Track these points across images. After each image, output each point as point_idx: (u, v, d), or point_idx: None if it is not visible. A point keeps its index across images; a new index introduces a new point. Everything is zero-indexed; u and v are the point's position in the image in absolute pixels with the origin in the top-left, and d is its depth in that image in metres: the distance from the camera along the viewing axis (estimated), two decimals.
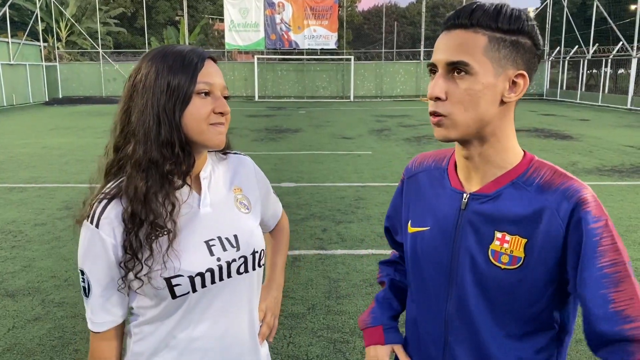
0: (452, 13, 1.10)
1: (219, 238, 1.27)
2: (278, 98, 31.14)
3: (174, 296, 1.21)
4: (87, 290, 1.23)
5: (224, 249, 1.27)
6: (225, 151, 1.41)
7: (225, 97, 1.26)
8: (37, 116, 20.20)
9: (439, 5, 52.85)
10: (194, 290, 1.22)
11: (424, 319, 1.24)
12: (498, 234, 1.09)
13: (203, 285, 1.23)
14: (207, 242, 1.25)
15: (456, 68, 1.05)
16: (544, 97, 31.27)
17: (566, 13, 28.95)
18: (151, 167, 1.18)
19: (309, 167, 9.39)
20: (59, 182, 8.18)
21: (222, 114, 1.23)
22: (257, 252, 1.33)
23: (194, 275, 1.21)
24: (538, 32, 1.08)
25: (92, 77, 31.39)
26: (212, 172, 1.34)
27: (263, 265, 1.38)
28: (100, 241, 1.19)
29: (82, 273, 1.23)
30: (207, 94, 1.21)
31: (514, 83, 1.08)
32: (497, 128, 1.10)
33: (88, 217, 1.20)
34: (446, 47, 1.06)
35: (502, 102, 1.08)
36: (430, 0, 46.63)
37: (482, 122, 1.07)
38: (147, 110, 1.18)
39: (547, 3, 31.80)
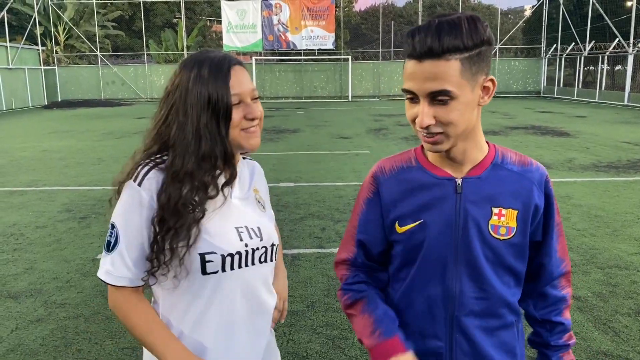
0: (417, 38, 1.12)
1: (246, 227, 1.38)
2: (276, 99, 31.19)
3: (204, 272, 1.30)
4: (112, 244, 1.29)
5: (250, 237, 1.38)
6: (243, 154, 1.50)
7: (256, 98, 1.35)
8: (36, 120, 20.24)
9: (435, 5, 52.90)
10: (223, 269, 1.32)
11: (419, 305, 1.31)
12: (495, 210, 1.25)
13: (232, 267, 1.33)
14: (236, 229, 1.36)
15: (438, 97, 1.13)
16: (541, 95, 31.32)
17: (562, 10, 29.00)
18: (186, 179, 1.27)
19: (307, 166, 9.44)
20: (59, 185, 8.23)
21: (253, 119, 1.33)
22: (275, 245, 1.46)
23: (225, 255, 1.31)
24: (490, 30, 1.16)
25: (90, 80, 31.42)
26: (240, 170, 1.45)
27: (276, 258, 1.52)
28: (139, 199, 1.27)
29: (113, 227, 1.29)
30: (237, 103, 1.30)
31: (484, 88, 1.19)
32: (474, 129, 1.24)
33: (131, 176, 1.29)
34: (424, 78, 1.12)
35: (477, 106, 1.20)
36: None
37: (467, 130, 1.20)
38: (187, 126, 1.28)
39: (543, 0, 31.86)
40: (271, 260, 1.45)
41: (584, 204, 6.61)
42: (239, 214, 1.39)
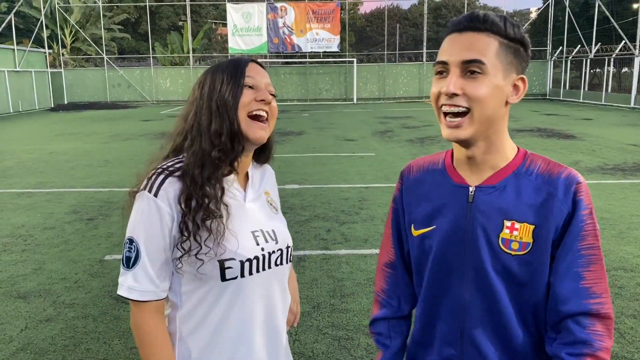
0: (462, 17, 1.15)
1: (261, 230, 1.38)
2: (281, 101, 31.25)
3: (223, 279, 1.29)
4: (133, 260, 1.26)
5: (266, 241, 1.37)
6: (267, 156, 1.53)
7: (272, 95, 1.36)
8: (43, 122, 20.38)
9: (441, 7, 52.89)
10: (242, 275, 1.31)
11: (436, 311, 1.28)
12: (507, 222, 1.15)
13: (250, 272, 1.32)
14: (252, 233, 1.35)
15: (470, 67, 1.10)
16: (547, 97, 31.26)
17: (568, 12, 28.96)
18: (205, 157, 1.29)
19: (312, 169, 9.47)
20: (66, 187, 8.29)
21: (263, 101, 1.33)
22: (289, 247, 1.45)
23: (244, 260, 1.31)
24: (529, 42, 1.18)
25: (96, 82, 31.61)
26: (251, 172, 1.47)
27: (292, 260, 1.50)
28: (157, 209, 1.25)
29: (131, 242, 1.27)
30: (251, 87, 1.33)
31: (515, 86, 1.17)
32: (499, 127, 1.18)
33: (146, 187, 1.27)
34: (460, 46, 1.12)
35: (506, 104, 1.17)
36: (432, 1, 46.69)
37: (491, 121, 1.14)
38: (203, 107, 1.32)
39: (549, 3, 31.81)
40: (286, 262, 1.45)
41: None
42: (254, 218, 1.39)
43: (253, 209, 1.40)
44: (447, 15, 52.81)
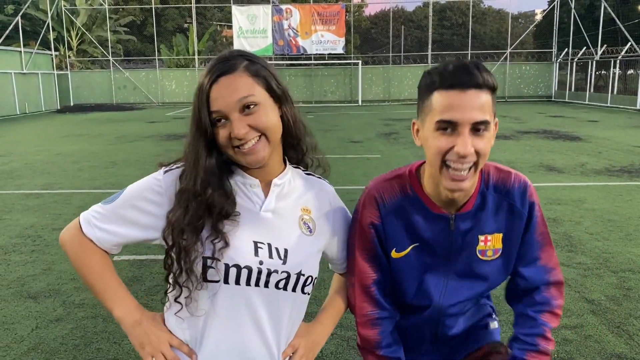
0: (459, 72, 1.18)
1: (269, 245, 1.24)
2: None
3: (204, 278, 1.20)
4: (110, 200, 1.31)
5: (270, 257, 1.23)
6: (309, 172, 1.46)
7: (250, 105, 1.18)
8: (49, 124, 20.49)
9: (445, 9, 52.85)
10: (226, 280, 1.20)
11: (417, 318, 1.49)
12: (481, 237, 1.35)
13: (237, 281, 1.21)
14: (255, 242, 1.23)
15: (479, 127, 1.18)
16: (553, 99, 31.18)
17: (574, 14, 28.90)
18: (190, 197, 1.22)
19: (318, 171, 9.47)
20: (73, 188, 8.34)
21: (238, 138, 1.18)
22: (304, 275, 1.28)
23: (230, 265, 1.19)
24: None
25: (102, 84, 31.77)
26: (288, 183, 1.34)
27: (308, 294, 1.33)
28: (157, 187, 1.27)
29: (124, 189, 1.32)
30: (224, 119, 1.19)
31: (495, 126, 1.28)
32: None
33: (163, 167, 1.32)
34: (470, 107, 1.17)
35: None
36: (437, 3, 46.70)
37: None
38: (190, 143, 1.26)
39: (554, 4, 31.75)
40: (294, 291, 1.27)
41: (597, 208, 6.59)
42: (264, 229, 1.25)
43: (267, 220, 1.27)
44: (452, 17, 52.78)
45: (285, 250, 1.25)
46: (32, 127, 19.20)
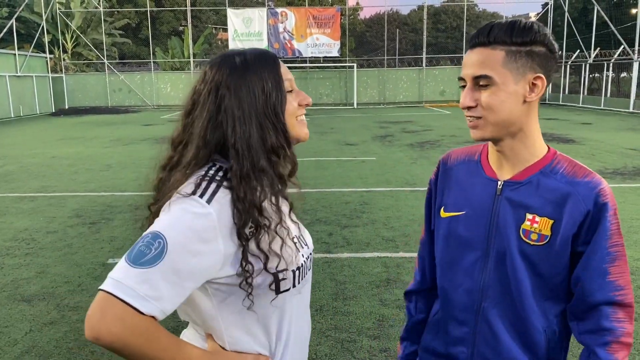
0: (473, 33, 1.29)
1: (297, 237, 1.27)
2: None
3: (278, 291, 1.17)
4: (151, 259, 1.00)
5: (302, 246, 1.27)
6: None
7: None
8: (44, 127, 20.42)
9: (440, 12, 53.08)
10: (294, 285, 1.21)
11: (455, 291, 1.39)
12: (529, 215, 1.27)
13: (299, 281, 1.23)
14: (292, 239, 1.24)
15: (480, 82, 1.23)
16: (547, 102, 31.32)
17: (567, 17, 29.07)
18: (260, 177, 1.14)
19: (314, 173, 9.50)
20: (68, 191, 8.32)
21: (307, 105, 1.28)
22: (309, 248, 1.36)
23: (295, 269, 1.20)
24: (551, 38, 1.25)
25: (97, 87, 31.70)
26: None
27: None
28: (209, 221, 1.05)
29: (156, 237, 1.02)
30: (290, 90, 1.24)
31: (533, 84, 1.25)
32: (524, 125, 1.27)
33: (195, 193, 1.07)
34: (471, 63, 1.25)
35: (525, 102, 1.25)
36: (432, 7, 46.88)
37: (509, 122, 1.25)
38: (246, 119, 1.14)
39: (548, 8, 31.94)
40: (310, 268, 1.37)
41: None
42: (290, 224, 1.26)
43: (287, 215, 1.28)
44: (446, 20, 52.99)
45: (302, 236, 1.30)
46: (27, 130, 19.14)
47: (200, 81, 1.21)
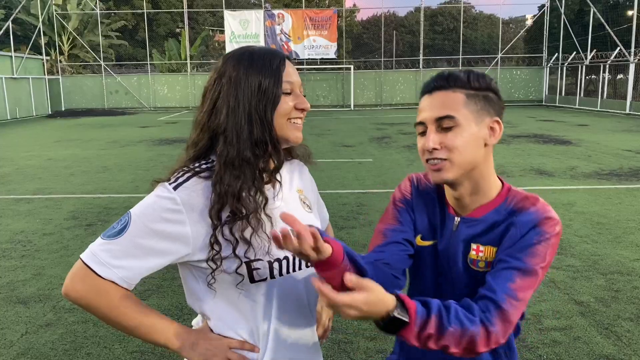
0: (431, 79, 1.31)
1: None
2: None
3: (252, 280, 1.24)
4: (117, 232, 1.18)
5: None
6: (290, 155, 1.46)
7: (303, 95, 1.33)
8: (40, 129, 20.38)
9: (437, 14, 53.20)
10: (272, 276, 1.26)
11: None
12: (474, 245, 1.32)
13: (280, 273, 1.27)
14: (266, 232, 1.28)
15: (443, 123, 1.24)
16: (543, 104, 31.42)
17: (564, 19, 29.17)
18: (243, 166, 1.22)
19: (311, 174, 9.49)
20: (65, 193, 8.30)
21: (302, 110, 1.30)
22: None
23: (272, 261, 1.25)
24: (496, 85, 1.32)
25: (94, 89, 31.66)
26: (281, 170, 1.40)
27: None
28: (172, 204, 1.18)
29: (127, 215, 1.20)
30: (289, 92, 1.28)
31: (491, 129, 1.30)
32: (482, 169, 1.30)
33: (168, 180, 1.22)
34: (431, 106, 1.27)
35: (485, 145, 1.29)
36: (429, 9, 46.98)
37: (472, 164, 1.27)
38: (239, 110, 1.23)
39: (544, 10, 32.05)
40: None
41: (586, 211, 6.65)
42: (264, 218, 1.29)
43: (281, 208, 1.32)
44: (443, 22, 53.13)
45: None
46: (23, 132, 19.10)
47: (213, 70, 1.31)
